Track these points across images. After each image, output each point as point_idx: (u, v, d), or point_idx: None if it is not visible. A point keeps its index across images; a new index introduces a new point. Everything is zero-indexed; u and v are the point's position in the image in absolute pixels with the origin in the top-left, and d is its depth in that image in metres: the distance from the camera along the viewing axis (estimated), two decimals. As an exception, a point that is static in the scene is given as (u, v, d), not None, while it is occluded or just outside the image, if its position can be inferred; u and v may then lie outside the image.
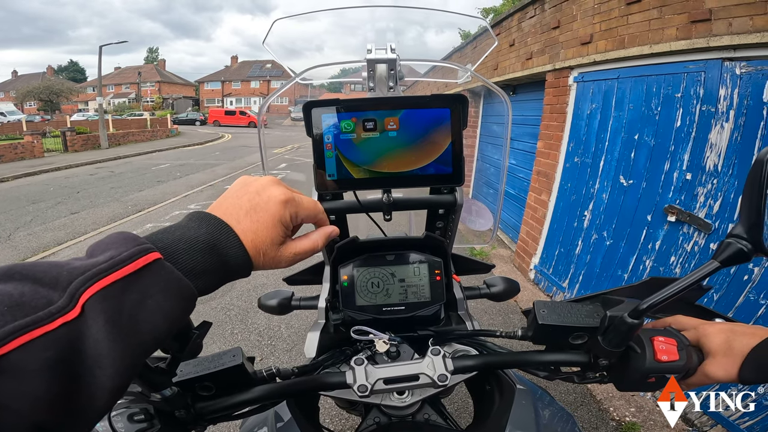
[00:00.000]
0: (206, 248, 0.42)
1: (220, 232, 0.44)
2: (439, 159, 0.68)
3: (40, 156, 14.38)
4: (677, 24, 2.56)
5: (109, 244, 0.38)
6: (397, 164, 0.68)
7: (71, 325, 0.31)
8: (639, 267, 2.97)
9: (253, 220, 0.46)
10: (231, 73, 56.79)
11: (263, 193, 0.48)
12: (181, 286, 0.38)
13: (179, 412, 0.60)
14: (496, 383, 0.92)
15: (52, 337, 0.30)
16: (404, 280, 0.87)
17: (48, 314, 0.31)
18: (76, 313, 0.32)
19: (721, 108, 2.35)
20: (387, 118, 0.66)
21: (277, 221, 0.47)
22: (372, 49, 0.77)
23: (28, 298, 0.31)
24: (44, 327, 0.30)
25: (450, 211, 0.90)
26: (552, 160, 4.02)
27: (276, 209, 0.47)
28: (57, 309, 0.31)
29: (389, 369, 0.68)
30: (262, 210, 0.47)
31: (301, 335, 3.30)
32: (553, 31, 4.01)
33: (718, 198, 2.37)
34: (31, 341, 0.29)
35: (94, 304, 0.33)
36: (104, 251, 0.37)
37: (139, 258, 0.36)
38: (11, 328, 0.29)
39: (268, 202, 0.47)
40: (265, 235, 0.46)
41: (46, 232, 5.94)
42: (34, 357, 0.29)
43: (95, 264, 0.35)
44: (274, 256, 0.48)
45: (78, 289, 0.33)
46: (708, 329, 0.61)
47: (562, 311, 0.64)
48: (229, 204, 0.47)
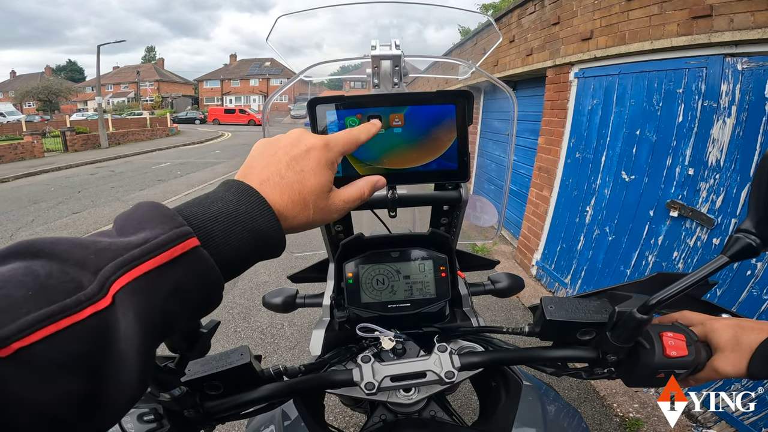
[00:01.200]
0: (244, 230, 0.38)
1: (261, 212, 0.40)
2: (444, 155, 0.68)
3: (41, 156, 14.39)
4: (678, 20, 2.55)
5: (142, 220, 0.34)
6: (402, 161, 0.68)
7: (101, 315, 0.28)
8: (641, 262, 2.97)
9: (296, 170, 0.43)
10: (230, 71, 56.67)
11: (300, 144, 0.45)
12: (213, 278, 0.36)
13: (188, 411, 0.60)
14: (502, 380, 0.92)
15: (81, 327, 0.27)
16: (409, 277, 0.87)
17: (77, 302, 0.28)
18: (107, 302, 0.29)
19: (722, 103, 2.35)
20: (392, 115, 0.66)
21: (324, 165, 0.45)
22: (376, 45, 0.77)
23: (55, 281, 0.28)
24: (73, 316, 0.27)
25: (455, 207, 0.90)
26: (553, 155, 4.02)
27: (320, 154, 0.45)
28: (86, 296, 0.28)
29: (396, 366, 0.68)
30: (304, 158, 0.44)
31: (304, 333, 3.30)
32: (554, 27, 4.00)
33: (721, 193, 2.37)
34: (57, 332, 0.26)
35: (125, 296, 0.30)
36: (137, 230, 0.33)
37: (177, 244, 0.33)
38: (36, 316, 0.26)
39: (309, 151, 0.44)
40: (314, 183, 0.43)
41: (47, 232, 5.94)
42: (60, 349, 0.26)
43: (128, 247, 0.31)
44: (325, 206, 0.45)
45: (109, 277, 0.30)
46: (715, 324, 0.60)
47: (570, 307, 0.64)
48: (263, 163, 0.44)
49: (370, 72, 0.78)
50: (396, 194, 0.78)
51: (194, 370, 0.61)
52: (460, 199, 0.85)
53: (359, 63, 0.85)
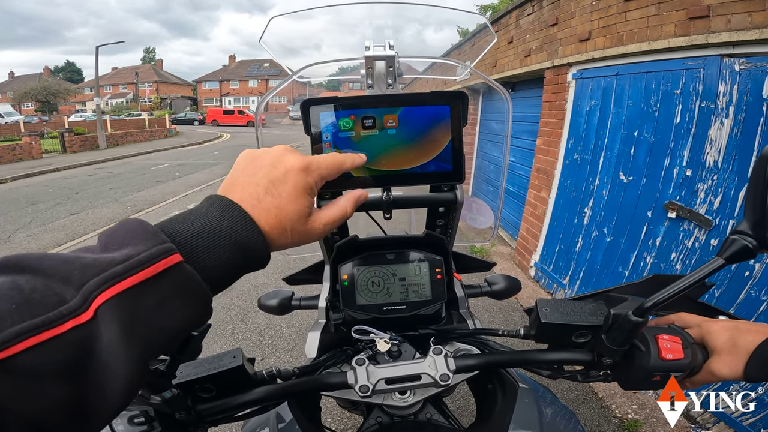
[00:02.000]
0: (227, 245, 0.39)
1: (244, 225, 0.40)
2: (439, 156, 0.68)
3: (39, 157, 14.37)
4: (675, 21, 2.55)
5: (125, 237, 0.35)
6: (397, 162, 0.67)
7: (83, 328, 0.29)
8: (640, 263, 2.97)
9: (274, 195, 0.42)
10: (229, 72, 56.68)
11: (279, 165, 0.44)
12: (199, 291, 0.36)
13: (179, 413, 0.59)
14: (498, 382, 0.91)
15: (62, 340, 0.28)
16: (405, 279, 0.87)
17: (59, 315, 0.29)
18: (89, 316, 0.30)
19: (720, 104, 2.35)
20: (386, 116, 0.66)
21: (301, 191, 0.44)
22: (370, 46, 0.76)
23: (39, 295, 0.29)
24: (54, 329, 0.28)
25: (450, 209, 0.90)
26: (551, 157, 4.02)
27: (297, 179, 0.44)
28: (69, 310, 0.29)
29: (391, 369, 0.68)
30: (281, 182, 0.43)
31: (302, 334, 3.30)
32: (552, 28, 4.00)
33: (719, 194, 2.37)
34: (40, 344, 0.27)
35: (108, 310, 0.31)
36: (121, 246, 0.34)
37: (160, 260, 0.34)
38: (19, 329, 0.27)
39: (287, 174, 0.44)
40: (291, 210, 0.43)
41: (45, 233, 5.93)
42: (42, 360, 0.27)
43: (111, 263, 0.32)
44: (304, 231, 0.45)
45: (92, 292, 0.31)
46: (712, 327, 0.60)
47: (565, 309, 0.63)
48: (243, 182, 0.43)
49: (364, 73, 0.78)
50: (391, 196, 0.78)
51: (186, 372, 0.61)
52: (455, 200, 0.85)
53: (357, 64, 0.85)
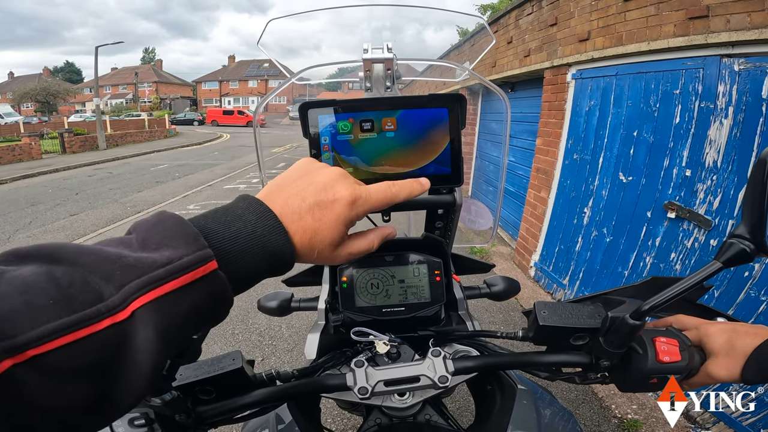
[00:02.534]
0: (260, 253, 0.39)
1: (278, 235, 0.40)
2: (437, 159, 0.68)
3: (38, 158, 14.37)
4: (675, 21, 2.55)
5: (165, 236, 0.35)
6: (396, 165, 0.68)
7: (118, 327, 0.29)
8: (639, 264, 2.97)
9: (315, 218, 0.42)
10: (228, 72, 56.70)
11: (330, 190, 0.44)
12: (226, 299, 0.37)
13: (179, 416, 0.60)
14: (497, 383, 0.92)
15: (97, 338, 0.28)
16: (404, 281, 0.87)
17: (97, 312, 0.28)
18: (126, 315, 0.30)
19: (720, 104, 2.35)
20: (384, 119, 0.66)
21: (342, 223, 0.44)
22: (368, 48, 0.76)
23: (76, 290, 0.28)
24: (91, 327, 0.28)
25: (449, 211, 0.90)
26: (551, 157, 4.02)
27: (342, 210, 0.44)
28: (107, 308, 0.29)
29: (389, 371, 0.68)
30: (327, 209, 0.43)
31: (302, 335, 3.30)
32: (551, 29, 4.00)
33: (718, 194, 2.37)
34: (74, 342, 0.27)
35: (146, 313, 0.31)
36: (160, 246, 0.34)
37: (199, 267, 0.34)
38: (56, 325, 0.26)
39: (334, 203, 0.44)
40: (325, 236, 0.43)
41: (45, 234, 5.93)
42: (75, 358, 0.27)
43: (152, 266, 0.32)
44: (329, 256, 0.45)
45: (132, 293, 0.30)
46: (710, 329, 0.60)
47: (563, 312, 0.63)
48: (289, 194, 0.43)
49: (362, 75, 0.78)
50: None
51: (186, 374, 0.61)
52: (454, 203, 0.85)
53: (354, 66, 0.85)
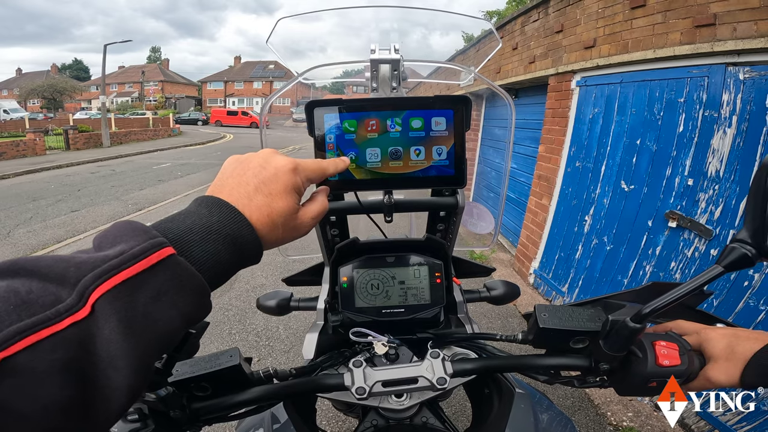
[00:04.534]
0: (219, 238, 0.40)
1: (234, 219, 0.42)
2: (441, 160, 0.68)
3: (42, 154, 14.41)
4: (681, 28, 2.56)
5: (117, 235, 0.36)
6: (399, 164, 0.68)
7: (81, 324, 0.30)
8: (639, 272, 2.96)
9: (264, 193, 0.45)
10: (234, 73, 56.87)
11: (268, 166, 0.47)
12: (196, 283, 0.37)
13: (174, 412, 0.59)
14: (495, 387, 0.91)
15: (61, 337, 0.29)
16: (404, 282, 0.86)
17: (56, 313, 0.29)
18: (86, 312, 0.30)
19: (723, 113, 2.35)
20: (389, 119, 0.66)
21: (291, 189, 0.47)
22: (375, 49, 0.77)
23: (35, 296, 0.29)
24: (52, 327, 0.28)
25: (451, 213, 0.90)
26: (553, 164, 4.02)
27: (287, 178, 0.47)
28: (66, 308, 0.30)
29: (387, 371, 0.68)
30: (271, 182, 0.46)
31: (300, 336, 3.29)
32: (557, 35, 4.01)
33: (720, 204, 2.37)
34: (38, 342, 0.28)
35: (106, 303, 0.31)
36: (113, 244, 0.35)
37: (153, 253, 0.35)
38: (17, 328, 0.27)
39: (276, 173, 0.46)
40: (281, 206, 0.45)
41: (45, 229, 5.94)
42: (43, 358, 0.27)
43: (105, 259, 0.33)
44: (294, 226, 0.48)
45: (88, 287, 0.31)
46: (710, 334, 0.60)
47: (564, 315, 0.64)
48: (233, 184, 0.45)
49: (368, 76, 0.78)
50: (392, 199, 0.78)
51: (182, 370, 0.61)
52: (456, 205, 0.85)
53: (361, 67, 0.85)
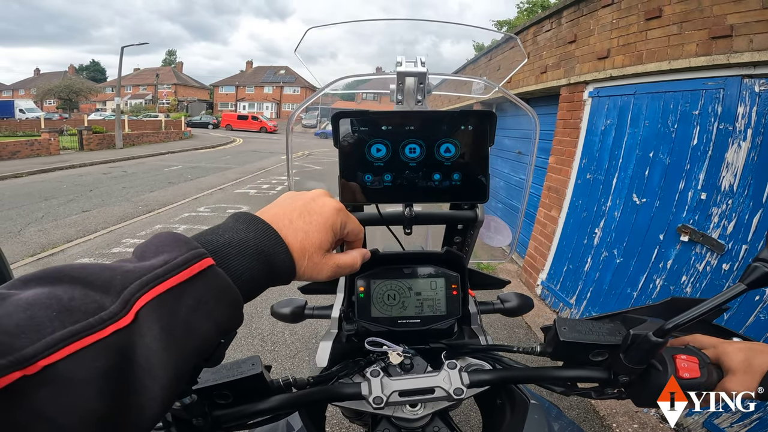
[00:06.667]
0: (254, 253, 0.42)
1: (269, 237, 0.43)
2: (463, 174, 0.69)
3: (56, 153, 14.63)
4: (697, 40, 2.55)
5: (160, 246, 0.37)
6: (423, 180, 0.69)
7: (124, 332, 0.30)
8: (649, 285, 2.94)
9: (306, 221, 0.47)
10: (245, 77, 57.47)
11: (318, 200, 0.50)
12: (232, 295, 0.38)
13: (197, 419, 0.59)
14: (507, 397, 0.91)
15: (104, 344, 0.28)
16: (420, 294, 0.86)
17: (99, 320, 0.29)
18: (129, 319, 0.30)
19: (738, 126, 2.33)
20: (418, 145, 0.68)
21: (329, 226, 0.49)
22: (402, 61, 0.77)
23: (78, 303, 0.29)
24: (96, 334, 0.28)
25: (469, 226, 0.90)
26: (564, 176, 4.00)
27: (329, 214, 0.49)
28: (109, 315, 0.30)
29: (405, 381, 0.68)
30: (316, 213, 0.48)
31: (305, 342, 3.29)
32: (569, 45, 4.01)
33: (733, 218, 2.35)
34: (81, 350, 0.27)
35: (150, 312, 0.31)
36: (156, 254, 0.36)
37: (194, 264, 0.36)
38: (60, 335, 0.27)
39: (322, 207, 0.49)
40: (315, 238, 0.47)
41: (56, 229, 6.01)
42: (85, 366, 0.27)
43: (150, 268, 0.34)
44: (318, 263, 0.48)
45: (133, 294, 0.31)
46: (728, 348, 0.62)
47: (584, 329, 0.64)
48: (279, 209, 0.48)
49: (394, 88, 0.79)
50: (413, 212, 0.79)
51: (205, 378, 0.61)
52: (476, 218, 0.85)
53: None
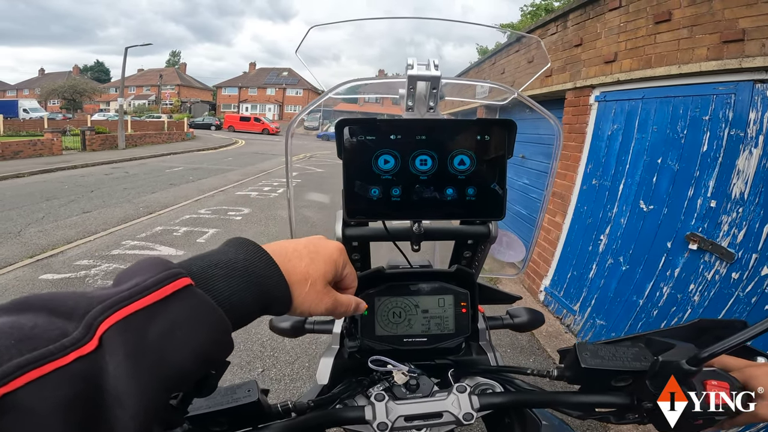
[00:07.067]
0: (243, 275, 0.40)
1: (260, 259, 0.43)
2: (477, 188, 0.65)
3: (59, 153, 14.64)
4: (708, 44, 2.51)
5: (137, 270, 0.35)
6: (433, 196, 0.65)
7: (88, 359, 0.28)
8: (656, 293, 2.89)
9: (311, 250, 0.48)
10: (248, 79, 57.69)
11: (320, 240, 0.52)
12: (215, 318, 0.35)
13: None
14: (516, 417, 0.86)
15: (66, 372, 0.27)
16: (428, 311, 0.81)
17: (61, 347, 0.27)
18: (93, 345, 0.29)
19: (750, 132, 2.29)
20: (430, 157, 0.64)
21: (333, 260, 0.50)
22: (413, 64, 0.70)
23: (40, 330, 0.28)
24: (56, 362, 0.27)
25: (480, 241, 0.85)
26: (568, 181, 3.96)
27: (333, 249, 0.51)
28: (71, 341, 0.28)
29: (411, 405, 0.65)
30: (321, 247, 0.50)
31: (305, 348, 3.25)
32: (575, 49, 3.98)
33: (743, 227, 2.31)
34: (41, 377, 0.26)
35: (113, 336, 0.29)
36: (131, 278, 0.34)
37: (167, 284, 0.33)
38: (17, 363, 0.25)
39: (327, 243, 0.51)
40: (320, 267, 0.48)
41: (56, 229, 5.98)
42: (45, 395, 0.26)
43: (116, 293, 0.32)
44: (321, 291, 0.48)
45: (96, 318, 0.30)
46: (756, 371, 0.59)
47: (606, 354, 0.60)
48: (281, 245, 0.48)
49: (403, 92, 0.73)
50: (422, 228, 0.74)
51: (198, 404, 0.58)
52: (488, 234, 0.80)
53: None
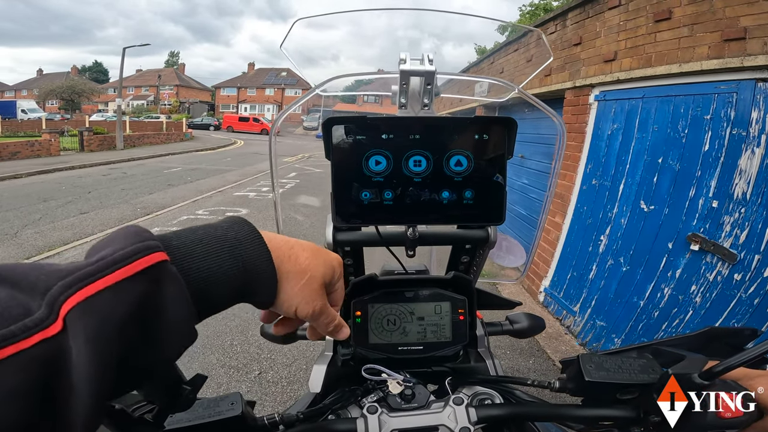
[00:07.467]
0: (229, 256, 0.36)
1: (251, 241, 0.39)
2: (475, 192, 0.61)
3: (56, 154, 14.59)
4: (709, 42, 2.48)
5: (111, 240, 0.31)
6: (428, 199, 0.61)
7: (51, 342, 0.26)
8: (657, 294, 2.86)
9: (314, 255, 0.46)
10: (247, 79, 57.62)
11: (323, 250, 0.49)
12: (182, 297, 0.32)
13: None
14: (516, 428, 0.83)
15: (27, 356, 0.25)
16: (423, 319, 0.78)
17: (23, 328, 0.25)
18: (58, 327, 0.26)
19: (752, 132, 2.26)
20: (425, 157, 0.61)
21: (331, 267, 0.48)
22: (406, 59, 0.67)
23: (2, 308, 0.25)
24: (18, 344, 0.25)
25: (479, 246, 0.82)
26: (568, 181, 3.93)
27: (333, 258, 0.49)
28: (34, 322, 0.26)
29: (405, 419, 0.62)
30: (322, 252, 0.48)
31: (302, 351, 3.21)
32: (575, 48, 3.95)
33: (745, 228, 2.28)
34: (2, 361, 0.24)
35: (75, 318, 0.27)
36: (103, 248, 0.30)
37: (138, 259, 0.30)
38: None
39: (327, 252, 0.49)
40: (319, 265, 0.46)
41: (53, 231, 5.94)
42: (4, 380, 0.24)
43: (81, 266, 0.28)
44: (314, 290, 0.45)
45: (57, 297, 0.27)
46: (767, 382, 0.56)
47: (612, 366, 0.57)
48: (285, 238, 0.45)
49: (396, 89, 0.69)
50: (417, 232, 0.70)
51: (177, 417, 0.54)
52: (487, 239, 0.77)
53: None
